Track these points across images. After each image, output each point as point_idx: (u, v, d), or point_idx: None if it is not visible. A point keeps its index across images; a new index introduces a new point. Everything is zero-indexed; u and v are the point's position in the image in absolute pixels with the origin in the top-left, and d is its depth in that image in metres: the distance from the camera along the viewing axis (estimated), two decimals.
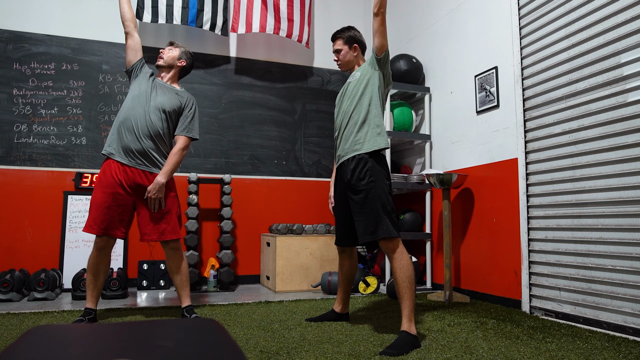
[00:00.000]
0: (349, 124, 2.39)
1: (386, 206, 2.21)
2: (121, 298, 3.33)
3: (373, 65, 2.39)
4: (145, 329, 0.68)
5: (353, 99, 2.39)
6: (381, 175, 2.27)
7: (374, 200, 2.21)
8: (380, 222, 2.18)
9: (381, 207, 2.20)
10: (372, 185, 2.24)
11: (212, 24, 4.10)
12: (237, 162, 4.31)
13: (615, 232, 2.37)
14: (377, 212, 2.19)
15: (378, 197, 2.21)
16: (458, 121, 3.63)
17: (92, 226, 2.47)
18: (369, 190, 2.23)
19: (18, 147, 3.71)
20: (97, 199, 2.49)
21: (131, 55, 2.65)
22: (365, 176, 2.26)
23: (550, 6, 2.79)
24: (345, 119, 2.42)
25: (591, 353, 1.94)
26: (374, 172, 2.26)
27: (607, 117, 2.43)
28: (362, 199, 2.24)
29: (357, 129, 2.34)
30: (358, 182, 2.27)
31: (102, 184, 2.49)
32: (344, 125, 2.41)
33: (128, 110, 2.54)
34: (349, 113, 2.40)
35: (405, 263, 2.15)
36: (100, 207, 2.47)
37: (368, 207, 2.22)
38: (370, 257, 4.19)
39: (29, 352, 0.55)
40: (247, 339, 2.17)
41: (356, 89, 2.40)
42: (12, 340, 1.02)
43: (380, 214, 2.19)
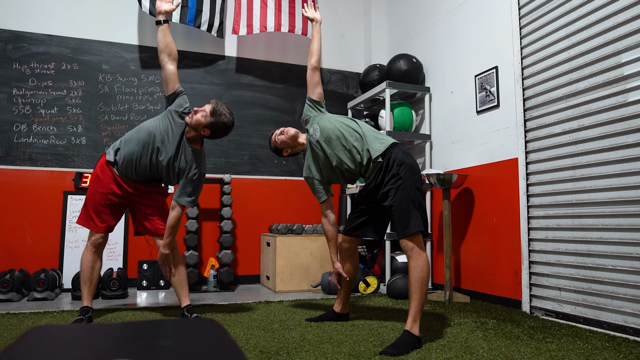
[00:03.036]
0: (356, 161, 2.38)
1: (415, 201, 2.19)
2: (121, 298, 3.33)
3: (314, 107, 2.61)
4: (145, 329, 0.68)
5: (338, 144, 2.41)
6: (407, 167, 2.25)
7: (404, 194, 2.19)
8: (412, 216, 2.15)
9: (411, 202, 2.18)
10: (401, 181, 2.21)
11: (210, 25, 4.10)
12: (237, 162, 4.31)
13: (616, 232, 2.37)
14: (408, 207, 2.17)
15: (407, 190, 2.20)
16: (458, 121, 3.63)
17: (97, 224, 2.55)
18: (398, 186, 2.20)
19: (18, 147, 3.70)
20: (95, 196, 2.56)
21: (165, 88, 2.56)
22: (394, 172, 2.24)
23: (550, 6, 2.79)
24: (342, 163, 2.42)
25: (591, 353, 1.94)
26: (398, 167, 2.24)
27: (607, 117, 2.43)
28: (394, 193, 2.21)
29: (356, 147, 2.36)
30: (387, 180, 2.25)
31: (99, 184, 2.57)
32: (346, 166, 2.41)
33: (138, 144, 2.50)
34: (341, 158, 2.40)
35: (422, 263, 2.12)
36: (100, 205, 2.55)
37: (400, 202, 2.18)
38: (370, 257, 4.19)
39: (29, 352, 0.55)
40: (247, 339, 2.17)
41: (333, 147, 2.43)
42: (12, 340, 1.02)
43: (411, 209, 2.16)
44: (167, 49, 2.51)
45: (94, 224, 2.55)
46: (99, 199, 2.55)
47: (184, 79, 4.18)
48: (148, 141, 2.49)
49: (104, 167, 2.57)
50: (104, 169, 2.57)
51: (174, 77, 2.52)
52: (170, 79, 2.52)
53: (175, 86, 2.54)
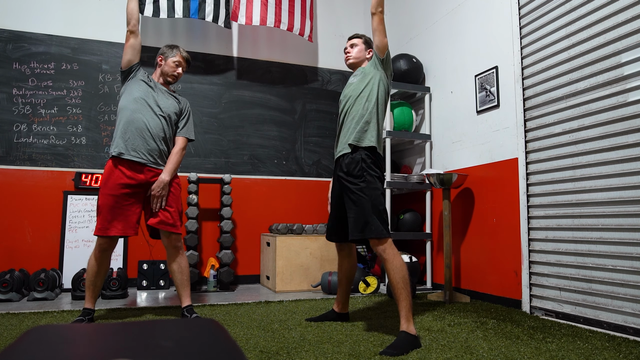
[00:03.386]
0: (348, 121, 2.40)
1: (377, 206, 2.20)
2: (121, 298, 3.33)
3: (376, 65, 2.41)
4: (145, 329, 0.68)
5: (354, 97, 2.40)
6: (373, 174, 2.27)
7: (364, 199, 2.21)
8: (370, 222, 2.18)
9: (371, 207, 2.19)
10: (364, 184, 2.24)
11: (215, 15, 4.06)
12: (237, 161, 4.31)
13: (616, 232, 2.37)
14: (367, 211, 2.19)
15: (369, 196, 2.21)
16: (458, 121, 3.63)
17: (108, 228, 2.48)
18: (361, 189, 2.23)
19: (18, 147, 3.70)
20: (108, 200, 2.49)
21: (132, 55, 2.63)
22: (357, 175, 2.26)
23: (550, 6, 2.79)
24: (345, 116, 2.43)
25: (591, 353, 1.94)
26: (365, 171, 2.26)
27: (607, 117, 2.43)
28: (354, 196, 2.25)
29: (354, 126, 2.35)
30: (350, 180, 2.28)
31: (110, 185, 2.51)
32: (344, 122, 2.43)
33: (134, 112, 2.55)
34: (349, 111, 2.41)
35: (398, 263, 2.14)
36: (115, 209, 2.49)
37: (359, 205, 2.22)
38: (370, 257, 4.19)
39: (29, 352, 0.55)
40: (247, 339, 2.17)
41: (358, 88, 2.41)
42: (12, 340, 1.02)
43: (370, 213, 2.18)
44: (139, 18, 2.67)
45: (104, 229, 2.48)
46: (111, 202, 2.48)
47: (184, 79, 4.19)
48: (139, 105, 2.58)
49: (112, 167, 2.53)
50: (112, 169, 2.52)
51: (140, 47, 2.67)
52: (139, 48, 2.65)
53: (139, 56, 2.68)
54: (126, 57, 2.64)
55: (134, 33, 2.62)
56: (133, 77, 2.65)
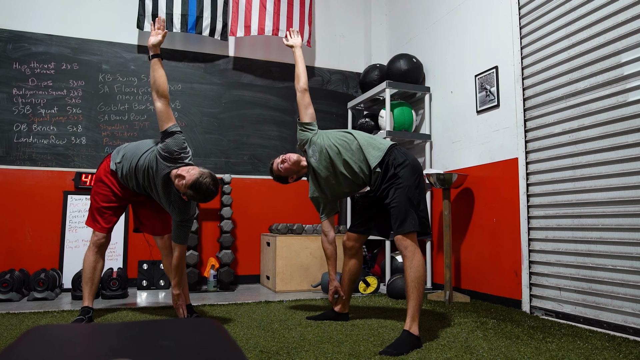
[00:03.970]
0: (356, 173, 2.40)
1: (412, 200, 2.19)
2: (121, 298, 3.33)
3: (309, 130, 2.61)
4: (145, 329, 0.68)
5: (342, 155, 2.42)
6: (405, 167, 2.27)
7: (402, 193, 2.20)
8: (408, 215, 2.15)
9: (409, 201, 2.18)
10: (399, 182, 2.22)
11: (212, 29, 4.10)
12: (237, 161, 4.31)
13: (616, 232, 2.37)
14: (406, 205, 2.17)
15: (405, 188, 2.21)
16: (458, 121, 3.63)
17: (102, 225, 2.56)
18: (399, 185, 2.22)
19: (18, 146, 3.70)
20: (98, 197, 2.58)
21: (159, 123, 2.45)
22: (391, 174, 2.26)
23: (550, 6, 2.79)
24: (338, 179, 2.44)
25: (591, 353, 1.94)
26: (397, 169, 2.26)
27: (607, 117, 2.43)
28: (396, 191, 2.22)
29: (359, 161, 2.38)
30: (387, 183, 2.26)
31: (102, 187, 2.59)
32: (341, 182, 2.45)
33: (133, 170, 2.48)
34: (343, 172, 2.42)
35: (417, 263, 2.12)
36: (102, 207, 2.57)
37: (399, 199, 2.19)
38: (371, 256, 4.19)
39: (29, 352, 0.55)
40: (247, 339, 2.17)
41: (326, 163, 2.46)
42: (12, 340, 1.02)
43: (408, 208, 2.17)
44: (154, 86, 2.40)
45: (99, 225, 2.56)
46: (102, 200, 2.57)
47: (184, 79, 4.19)
48: (139, 174, 2.47)
49: (107, 173, 2.59)
50: (107, 175, 2.59)
51: (162, 115, 2.40)
52: (159, 117, 2.41)
53: (164, 125, 2.40)
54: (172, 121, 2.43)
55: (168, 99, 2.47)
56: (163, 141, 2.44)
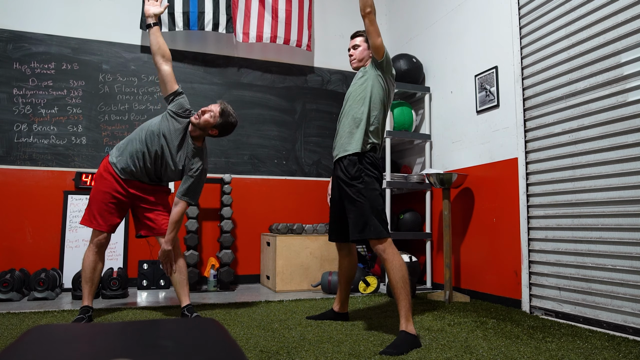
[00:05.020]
0: (345, 124, 2.40)
1: (376, 206, 2.22)
2: (121, 298, 3.33)
3: (375, 68, 2.38)
4: (145, 328, 0.68)
5: (354, 99, 2.40)
6: (371, 175, 2.28)
7: (363, 200, 2.22)
8: (369, 222, 2.19)
9: (370, 207, 2.20)
10: (363, 186, 2.25)
11: (215, 24, 4.10)
12: (237, 161, 4.31)
13: (615, 232, 2.37)
14: (365, 212, 2.20)
15: (368, 197, 2.23)
16: (458, 121, 3.63)
17: (100, 224, 2.56)
18: (359, 190, 2.24)
19: (18, 146, 3.70)
20: (99, 196, 2.58)
21: (163, 89, 2.60)
22: (355, 176, 2.27)
23: (550, 6, 2.79)
24: (343, 118, 2.43)
25: (591, 353, 1.94)
26: (363, 172, 2.27)
27: (607, 117, 2.43)
28: (352, 197, 2.26)
29: (351, 130, 2.36)
30: (348, 182, 2.28)
31: (103, 183, 2.58)
32: (342, 124, 2.44)
33: (143, 145, 2.53)
34: (347, 113, 2.41)
35: (398, 263, 2.14)
36: (104, 204, 2.57)
37: (358, 206, 2.23)
38: (370, 256, 4.19)
39: (29, 351, 0.55)
40: (247, 338, 2.17)
41: (358, 90, 2.41)
42: (12, 340, 1.02)
43: (368, 214, 2.20)
44: (160, 51, 2.54)
45: (97, 222, 2.56)
46: (103, 198, 2.56)
47: (184, 79, 4.19)
48: (151, 140, 2.54)
49: (108, 168, 2.59)
50: (107, 170, 2.59)
51: (170, 77, 2.55)
52: (167, 79, 2.55)
53: (173, 87, 2.57)
54: (168, 86, 2.57)
55: (170, 61, 2.59)
56: (171, 105, 2.59)
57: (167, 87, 2.57)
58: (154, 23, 2.57)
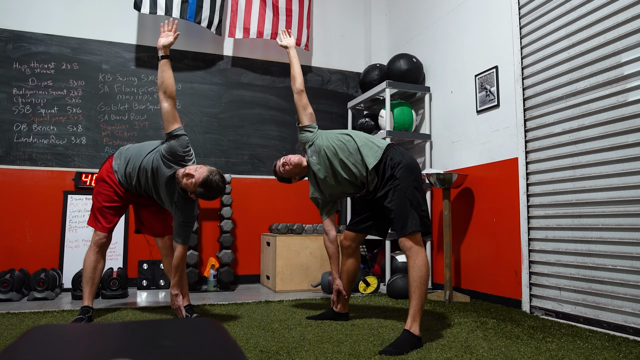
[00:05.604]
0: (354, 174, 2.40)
1: (412, 200, 2.19)
2: (121, 298, 3.33)
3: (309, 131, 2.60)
4: (145, 329, 0.68)
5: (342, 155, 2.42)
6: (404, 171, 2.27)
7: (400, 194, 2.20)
8: (408, 216, 2.16)
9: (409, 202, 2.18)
10: (397, 183, 2.22)
11: (210, 22, 4.10)
12: (237, 161, 4.31)
13: (616, 232, 2.37)
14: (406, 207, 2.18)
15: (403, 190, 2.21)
16: (458, 121, 3.63)
17: (103, 225, 2.57)
18: (395, 187, 2.22)
19: (18, 146, 3.70)
20: (100, 197, 2.59)
21: (164, 124, 2.48)
22: (388, 176, 2.26)
23: (550, 5, 2.79)
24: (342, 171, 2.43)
25: (591, 353, 1.94)
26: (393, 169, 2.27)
27: (607, 117, 2.43)
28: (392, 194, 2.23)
29: (359, 163, 2.38)
30: (383, 186, 2.27)
31: (104, 187, 2.60)
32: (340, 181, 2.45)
33: (135, 170, 2.51)
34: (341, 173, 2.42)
35: (420, 263, 2.12)
36: (104, 206, 2.58)
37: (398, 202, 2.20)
38: (370, 256, 4.19)
39: (29, 352, 0.55)
40: (247, 338, 2.17)
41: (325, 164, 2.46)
42: (12, 340, 1.02)
43: (408, 208, 2.17)
44: (162, 86, 2.42)
45: (100, 224, 2.58)
46: (104, 200, 2.59)
47: (184, 79, 4.19)
48: (144, 174, 2.50)
49: (110, 174, 2.61)
50: (109, 175, 2.61)
51: (167, 116, 2.41)
52: (164, 117, 2.43)
53: (169, 127, 2.42)
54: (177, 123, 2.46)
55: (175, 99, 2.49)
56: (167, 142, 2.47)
57: (165, 125, 2.44)
58: (162, 56, 2.44)
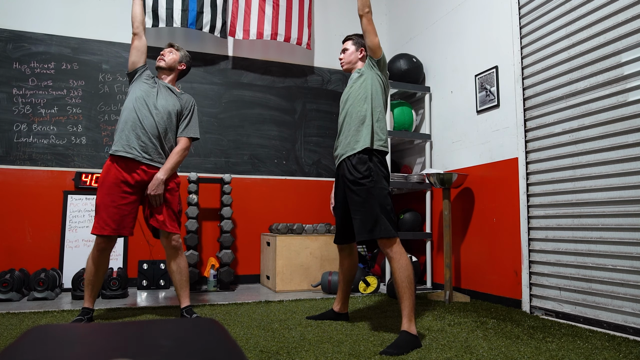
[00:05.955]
0: (350, 122, 2.39)
1: (385, 206, 2.21)
2: (121, 298, 3.33)
3: (372, 67, 2.41)
4: (145, 328, 0.68)
5: (355, 98, 2.40)
6: (380, 174, 2.27)
7: (372, 199, 2.21)
8: (379, 222, 2.18)
9: (379, 207, 2.20)
10: (372, 184, 2.23)
11: (212, 26, 4.11)
12: (237, 161, 4.31)
13: (616, 232, 2.37)
14: (375, 211, 2.19)
15: (377, 196, 2.21)
16: (458, 121, 3.63)
17: (103, 227, 2.47)
18: (368, 189, 2.23)
19: (18, 146, 3.70)
20: (104, 199, 2.49)
21: (136, 56, 2.66)
22: (365, 175, 2.26)
23: (550, 5, 2.79)
24: (346, 118, 2.42)
25: (591, 353, 1.94)
26: (373, 170, 2.26)
27: (607, 117, 2.43)
28: (361, 197, 2.24)
29: (357, 128, 2.35)
30: (357, 180, 2.27)
31: (107, 184, 2.51)
32: (346, 124, 2.42)
33: (132, 111, 2.57)
34: (350, 112, 2.40)
35: (404, 263, 2.14)
36: (109, 207, 2.48)
37: (367, 206, 2.22)
38: (370, 256, 4.19)
39: (29, 352, 0.55)
40: (247, 338, 2.17)
41: (355, 90, 2.41)
42: (12, 340, 1.02)
43: (378, 213, 2.19)
44: (143, 21, 2.68)
45: (99, 227, 2.48)
46: (108, 200, 2.49)
47: (184, 78, 4.18)
48: (137, 106, 2.57)
49: (107, 167, 2.55)
50: (106, 169, 2.55)
51: (145, 48, 2.69)
52: (144, 49, 2.68)
53: (145, 58, 2.69)
54: (131, 59, 2.67)
55: (137, 35, 2.65)
56: (137, 79, 2.66)
57: (142, 57, 2.68)
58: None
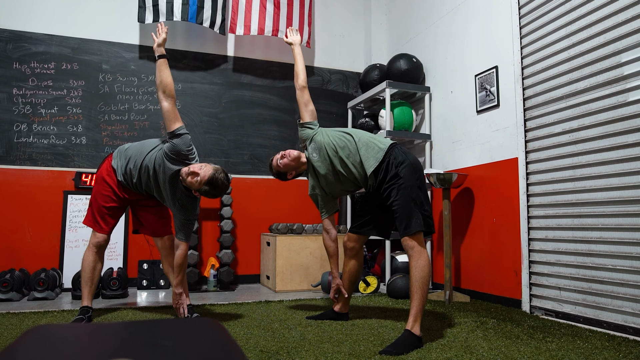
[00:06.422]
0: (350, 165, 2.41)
1: (416, 199, 2.20)
2: (121, 298, 3.33)
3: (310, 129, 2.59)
4: (145, 328, 0.68)
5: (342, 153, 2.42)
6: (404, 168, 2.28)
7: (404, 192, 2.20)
8: (412, 215, 2.15)
9: (412, 201, 2.18)
10: (402, 180, 2.23)
11: (212, 21, 4.10)
12: (237, 161, 4.31)
13: (616, 232, 2.37)
14: (409, 207, 2.17)
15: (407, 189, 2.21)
16: (458, 121, 3.63)
17: (102, 226, 2.56)
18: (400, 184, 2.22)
19: (18, 146, 3.70)
20: (99, 198, 2.57)
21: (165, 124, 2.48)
22: (393, 175, 2.26)
23: (550, 5, 2.79)
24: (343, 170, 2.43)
25: (591, 353, 1.94)
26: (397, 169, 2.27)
27: (607, 117, 2.43)
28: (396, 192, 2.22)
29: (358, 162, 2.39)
30: (385, 184, 2.27)
31: (104, 186, 2.59)
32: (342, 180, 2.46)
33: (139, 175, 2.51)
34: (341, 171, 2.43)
35: (422, 263, 2.12)
36: (105, 208, 2.57)
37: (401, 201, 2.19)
38: (371, 256, 4.19)
39: (29, 352, 0.55)
40: (247, 338, 2.17)
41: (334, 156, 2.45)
42: (12, 340, 1.02)
43: (412, 208, 2.17)
44: (161, 85, 2.44)
45: (99, 225, 2.57)
46: (103, 201, 2.57)
47: (184, 79, 4.19)
48: (146, 172, 2.50)
49: (110, 172, 2.59)
50: (109, 174, 2.59)
51: (168, 115, 2.42)
52: (165, 117, 2.43)
53: (171, 126, 2.42)
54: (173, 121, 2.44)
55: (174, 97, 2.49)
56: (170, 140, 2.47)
57: (167, 124, 2.44)
58: (159, 56, 2.49)
